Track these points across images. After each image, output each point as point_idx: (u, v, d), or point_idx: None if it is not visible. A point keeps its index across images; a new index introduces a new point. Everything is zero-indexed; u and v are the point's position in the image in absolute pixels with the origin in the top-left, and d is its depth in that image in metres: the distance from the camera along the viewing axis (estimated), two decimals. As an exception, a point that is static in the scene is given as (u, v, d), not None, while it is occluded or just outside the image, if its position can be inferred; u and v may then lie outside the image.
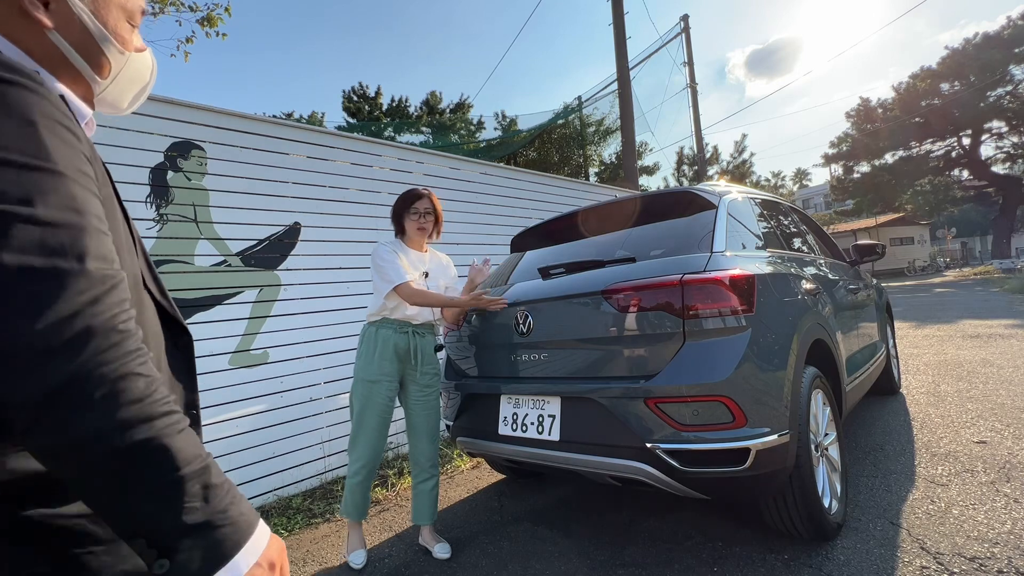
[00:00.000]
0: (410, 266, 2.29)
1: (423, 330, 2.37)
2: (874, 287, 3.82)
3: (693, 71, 14.33)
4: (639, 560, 2.05)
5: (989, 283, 15.28)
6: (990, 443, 2.81)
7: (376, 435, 2.24)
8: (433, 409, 2.39)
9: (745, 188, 2.75)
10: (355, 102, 19.42)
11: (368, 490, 2.29)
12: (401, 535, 2.55)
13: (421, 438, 2.36)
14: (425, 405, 2.36)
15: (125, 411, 0.45)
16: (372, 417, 2.22)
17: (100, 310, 0.46)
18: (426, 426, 2.37)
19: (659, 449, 1.72)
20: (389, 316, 2.28)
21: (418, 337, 2.33)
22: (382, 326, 2.28)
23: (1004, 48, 22.33)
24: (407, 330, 2.30)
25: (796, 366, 1.90)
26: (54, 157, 0.48)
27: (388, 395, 2.25)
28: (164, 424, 0.48)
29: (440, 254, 2.54)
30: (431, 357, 2.39)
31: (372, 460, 2.26)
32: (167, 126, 2.86)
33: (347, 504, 2.27)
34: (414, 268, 2.31)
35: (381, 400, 2.23)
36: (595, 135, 18.97)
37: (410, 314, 2.29)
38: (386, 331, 2.27)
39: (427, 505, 2.35)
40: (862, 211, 32.31)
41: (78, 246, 0.46)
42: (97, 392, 0.44)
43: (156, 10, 9.35)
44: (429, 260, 2.43)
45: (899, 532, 2.02)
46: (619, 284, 1.90)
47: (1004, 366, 4.55)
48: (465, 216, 4.51)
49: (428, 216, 2.38)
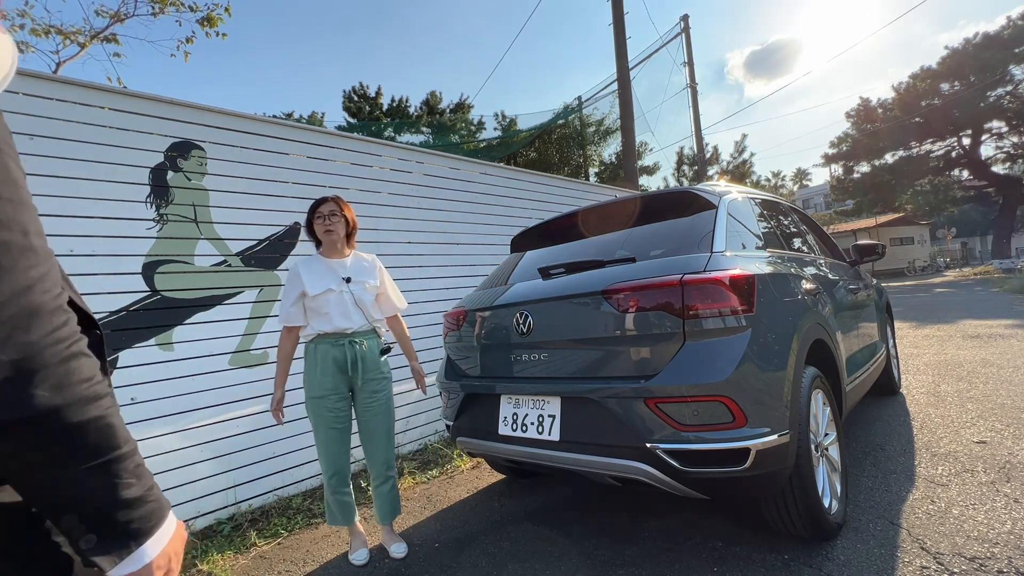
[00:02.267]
0: (324, 277, 2.25)
1: (361, 337, 2.30)
2: (874, 287, 3.82)
3: (693, 71, 14.34)
4: (639, 560, 2.05)
5: (989, 283, 15.28)
6: (990, 443, 2.81)
7: (336, 446, 2.26)
8: (384, 413, 2.35)
9: (745, 188, 2.75)
10: (355, 102, 19.42)
11: (345, 496, 2.32)
12: (401, 535, 2.54)
13: (376, 443, 2.34)
14: (376, 410, 2.32)
15: (78, 389, 0.45)
16: (325, 432, 2.24)
17: (48, 287, 0.45)
18: (380, 430, 2.34)
19: (659, 449, 1.72)
20: (321, 331, 2.24)
21: (356, 346, 2.27)
22: (319, 342, 2.25)
23: (1004, 48, 22.34)
24: (343, 342, 2.25)
25: (796, 366, 1.90)
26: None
27: (336, 408, 2.25)
28: (108, 404, 0.49)
29: (365, 255, 2.45)
30: (375, 363, 2.33)
31: (339, 470, 2.28)
32: (167, 126, 2.86)
33: (332, 514, 2.34)
34: (333, 276, 2.27)
35: (330, 414, 2.23)
36: (595, 135, 18.98)
37: (343, 326, 2.24)
38: (323, 346, 2.24)
39: (388, 506, 2.39)
40: (862, 211, 32.31)
41: (20, 220, 0.44)
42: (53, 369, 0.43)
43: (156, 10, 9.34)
44: (351, 265, 2.36)
45: (899, 532, 2.02)
46: (619, 284, 1.90)
47: (1004, 366, 4.55)
48: (465, 216, 4.51)
49: (333, 217, 2.30)
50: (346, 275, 2.31)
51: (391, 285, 2.49)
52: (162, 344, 2.76)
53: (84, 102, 2.57)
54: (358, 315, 2.29)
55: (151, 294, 2.74)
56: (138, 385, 2.64)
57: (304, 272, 2.25)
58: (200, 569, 2.39)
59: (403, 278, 3.93)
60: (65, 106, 2.51)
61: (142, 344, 2.69)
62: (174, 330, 2.80)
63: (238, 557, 2.50)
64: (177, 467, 2.73)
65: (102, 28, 9.29)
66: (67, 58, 9.38)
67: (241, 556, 2.51)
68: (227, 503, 2.89)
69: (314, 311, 2.25)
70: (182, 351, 2.81)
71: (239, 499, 2.94)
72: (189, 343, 2.83)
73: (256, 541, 2.61)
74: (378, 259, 2.49)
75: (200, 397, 2.84)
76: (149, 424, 2.65)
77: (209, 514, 2.83)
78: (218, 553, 2.49)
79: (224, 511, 2.88)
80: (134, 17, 9.26)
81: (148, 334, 2.71)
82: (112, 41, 9.48)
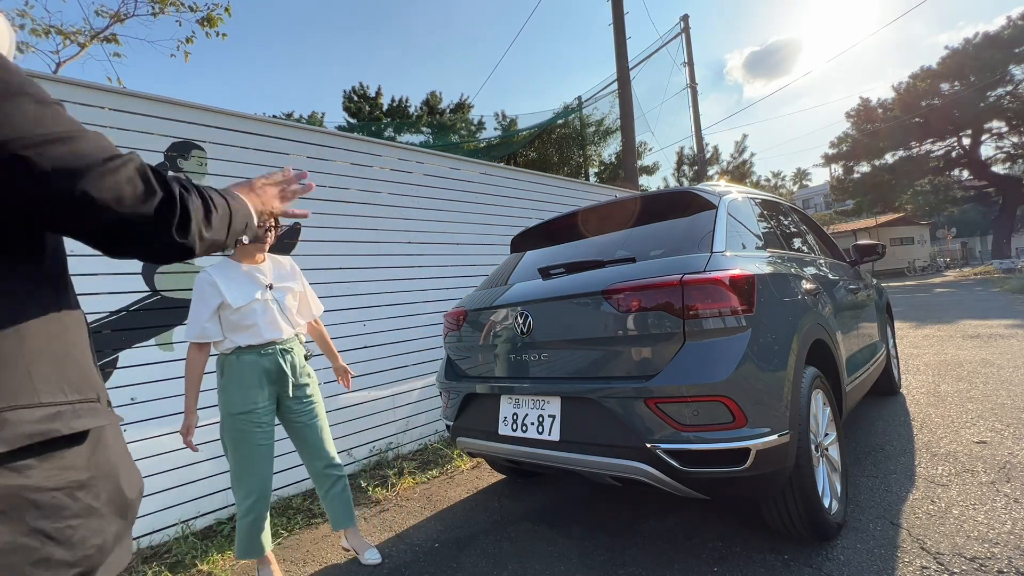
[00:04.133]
0: (245, 286, 2.06)
1: (291, 345, 2.18)
2: (874, 287, 3.82)
3: (693, 71, 14.34)
4: (639, 560, 2.05)
5: (989, 283, 15.27)
6: (990, 443, 2.81)
7: (264, 465, 2.09)
8: (318, 416, 2.24)
9: (745, 188, 2.75)
10: (355, 102, 19.41)
11: (264, 524, 2.11)
12: (401, 535, 2.55)
13: (316, 446, 2.23)
14: (311, 414, 2.22)
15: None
16: (250, 449, 2.04)
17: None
18: (317, 433, 2.23)
19: (659, 449, 1.71)
20: (245, 344, 2.05)
21: (287, 354, 2.14)
22: (242, 354, 2.05)
23: (1004, 48, 22.32)
24: (270, 351, 2.09)
25: (796, 366, 1.90)
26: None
27: (263, 422, 2.07)
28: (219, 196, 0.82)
29: (281, 259, 2.27)
30: (303, 368, 2.22)
31: (264, 492, 2.09)
32: (167, 126, 2.86)
33: (242, 545, 2.07)
34: (252, 285, 2.07)
35: (258, 430, 2.05)
36: (595, 135, 18.97)
37: (272, 336, 2.08)
38: (249, 357, 2.05)
39: (342, 509, 2.28)
40: (862, 211, 32.31)
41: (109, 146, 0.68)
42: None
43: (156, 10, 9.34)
44: (271, 271, 2.17)
45: (899, 532, 2.02)
46: (619, 284, 1.90)
47: (1004, 366, 4.55)
48: (465, 216, 4.51)
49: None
50: (267, 282, 2.13)
51: (310, 290, 2.35)
52: (162, 344, 2.76)
53: (84, 102, 2.57)
54: (285, 323, 2.15)
55: (151, 294, 2.74)
56: (138, 385, 2.65)
57: (221, 281, 2.01)
58: (200, 569, 2.39)
59: (403, 278, 3.93)
60: (65, 106, 2.51)
61: (142, 344, 2.69)
62: (174, 330, 2.80)
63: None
64: (177, 467, 2.73)
65: (102, 28, 9.30)
66: (67, 58, 9.39)
67: (241, 556, 2.51)
68: (227, 503, 2.89)
69: (236, 324, 2.04)
70: (182, 351, 2.81)
71: (239, 499, 2.93)
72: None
73: (256, 541, 2.61)
74: (295, 262, 2.32)
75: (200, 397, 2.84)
76: (149, 424, 2.65)
77: (209, 514, 2.83)
78: (218, 553, 2.49)
79: (224, 511, 2.88)
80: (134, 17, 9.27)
81: (148, 334, 2.71)
82: (112, 41, 9.48)
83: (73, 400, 0.64)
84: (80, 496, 0.61)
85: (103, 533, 0.63)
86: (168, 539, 2.65)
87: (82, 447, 0.63)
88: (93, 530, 0.62)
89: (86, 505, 0.61)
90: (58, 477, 0.59)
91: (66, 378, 0.64)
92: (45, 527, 0.57)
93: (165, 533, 2.67)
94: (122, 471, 0.69)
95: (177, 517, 2.72)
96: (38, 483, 0.57)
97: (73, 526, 0.59)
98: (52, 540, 0.57)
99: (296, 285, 2.25)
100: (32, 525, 0.55)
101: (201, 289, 2.02)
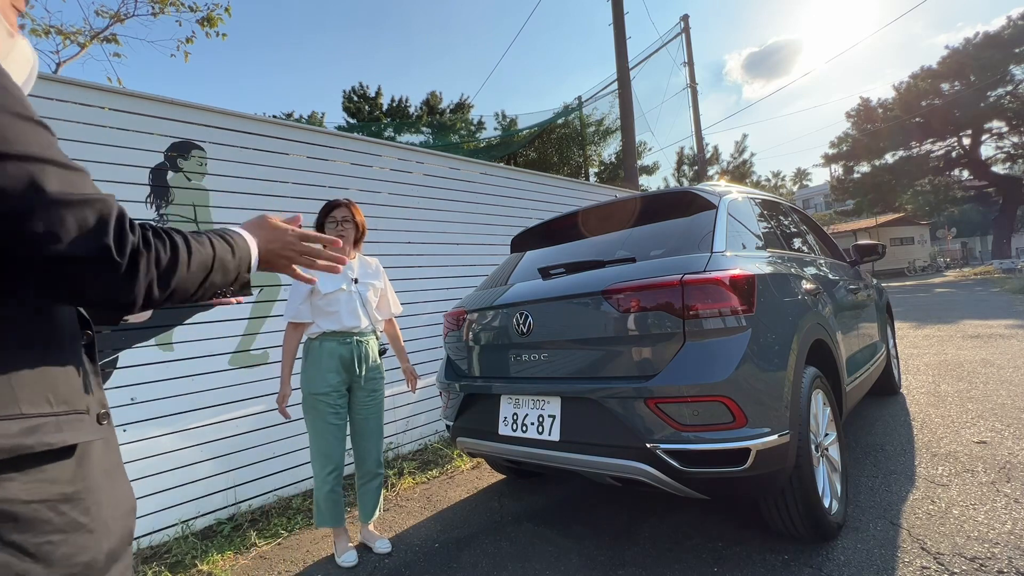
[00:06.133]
0: (333, 277, 2.22)
1: (366, 336, 2.39)
2: (874, 287, 3.82)
3: (693, 71, 14.35)
4: (639, 560, 2.05)
5: (989, 283, 15.27)
6: (990, 443, 2.81)
7: (336, 442, 2.30)
8: (379, 411, 2.45)
9: (745, 188, 2.75)
10: (355, 102, 19.40)
11: (340, 496, 2.33)
12: (401, 535, 2.55)
13: (369, 440, 2.42)
14: (373, 408, 2.42)
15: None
16: (324, 427, 2.27)
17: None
18: (375, 428, 2.42)
19: (659, 449, 1.71)
20: (328, 330, 2.29)
21: (362, 345, 2.36)
22: (325, 340, 2.31)
23: (1004, 48, 22.34)
24: (349, 340, 2.33)
25: (796, 366, 1.90)
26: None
27: (337, 404, 2.30)
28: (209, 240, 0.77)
29: (369, 259, 2.54)
30: (375, 362, 2.44)
31: (337, 466, 2.30)
32: (167, 126, 2.86)
33: (323, 514, 2.31)
34: (343, 276, 2.31)
35: (331, 410, 2.28)
36: (595, 135, 18.98)
37: (351, 324, 2.31)
38: (330, 344, 2.30)
39: (372, 504, 2.43)
40: (862, 211, 32.31)
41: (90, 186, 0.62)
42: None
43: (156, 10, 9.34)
44: (358, 267, 2.43)
45: (899, 532, 2.02)
46: (619, 284, 1.90)
47: (1004, 366, 4.55)
48: (465, 216, 4.51)
49: (346, 224, 2.38)
50: (353, 276, 2.37)
51: (391, 289, 2.58)
52: (162, 344, 2.76)
53: (84, 102, 2.57)
54: (364, 315, 2.37)
55: (151, 294, 2.74)
56: (138, 385, 2.64)
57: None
58: (200, 569, 2.39)
59: (403, 278, 3.93)
60: (65, 106, 2.51)
61: (142, 344, 2.68)
62: (174, 330, 2.80)
63: (238, 557, 2.50)
64: (177, 467, 2.73)
65: (102, 28, 9.30)
66: (67, 58, 9.40)
67: (241, 556, 2.51)
68: (227, 503, 2.89)
69: (321, 309, 2.29)
70: (182, 351, 2.81)
71: (239, 499, 2.94)
72: (189, 343, 2.83)
73: (256, 541, 2.61)
74: (380, 263, 2.56)
75: (200, 397, 2.84)
76: (149, 424, 2.65)
77: (209, 514, 2.83)
78: (218, 553, 2.49)
79: (224, 511, 2.88)
80: (134, 17, 9.27)
81: (148, 334, 2.71)
82: (112, 41, 9.49)
83: (59, 412, 0.61)
84: (65, 510, 0.58)
85: (91, 551, 0.60)
86: (168, 539, 2.65)
87: (69, 460, 0.61)
88: (79, 547, 0.59)
89: (71, 520, 0.58)
90: (39, 490, 0.56)
91: (52, 388, 0.61)
92: (21, 541, 0.53)
93: (165, 533, 2.67)
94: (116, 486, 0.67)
95: (177, 517, 2.72)
96: (15, 495, 0.54)
97: (54, 541, 0.56)
98: (29, 556, 0.54)
99: (378, 283, 2.49)
100: (7, 539, 0.52)
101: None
